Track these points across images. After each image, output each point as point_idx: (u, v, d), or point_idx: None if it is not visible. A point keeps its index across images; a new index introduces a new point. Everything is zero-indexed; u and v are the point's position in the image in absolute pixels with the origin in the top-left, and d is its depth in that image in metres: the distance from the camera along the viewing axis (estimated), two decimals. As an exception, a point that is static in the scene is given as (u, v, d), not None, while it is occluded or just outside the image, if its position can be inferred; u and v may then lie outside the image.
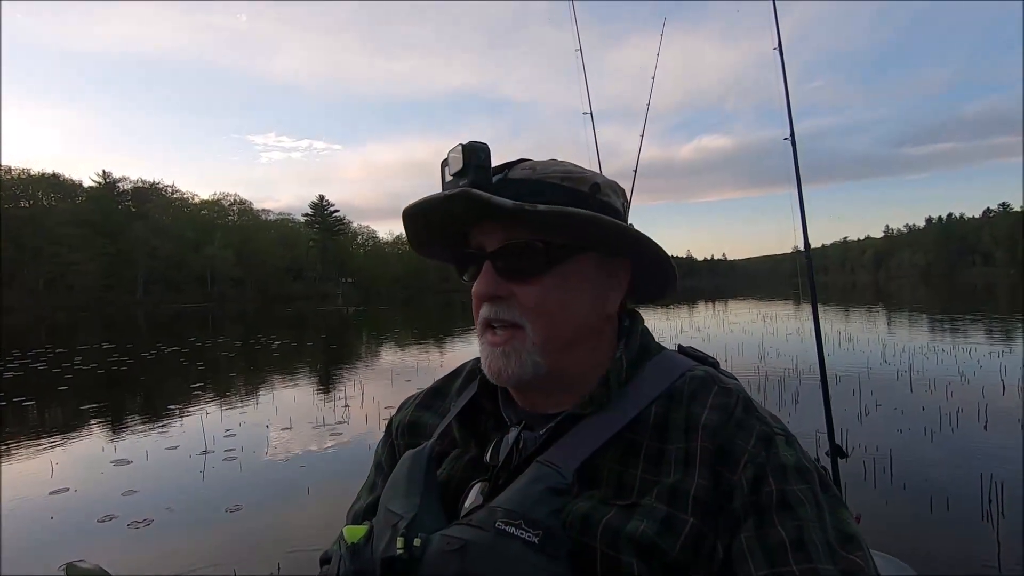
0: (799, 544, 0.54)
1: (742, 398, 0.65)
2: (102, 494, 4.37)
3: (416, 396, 0.84)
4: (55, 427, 6.72)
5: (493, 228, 0.67)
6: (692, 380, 0.67)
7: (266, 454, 5.32)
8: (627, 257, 0.71)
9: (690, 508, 0.57)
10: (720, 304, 32.75)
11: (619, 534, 0.56)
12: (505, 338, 0.65)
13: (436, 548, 0.56)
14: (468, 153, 0.64)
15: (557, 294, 0.66)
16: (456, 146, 0.65)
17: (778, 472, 0.58)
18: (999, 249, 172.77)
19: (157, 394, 9.26)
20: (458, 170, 0.64)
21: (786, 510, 0.56)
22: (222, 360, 13.20)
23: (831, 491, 0.60)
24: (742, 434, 0.61)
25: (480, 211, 0.64)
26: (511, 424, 0.71)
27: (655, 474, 0.61)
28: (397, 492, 0.66)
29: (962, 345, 10.98)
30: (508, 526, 0.55)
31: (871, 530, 3.25)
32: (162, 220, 75.97)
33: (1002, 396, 6.62)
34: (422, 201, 0.66)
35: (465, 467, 0.70)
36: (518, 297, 0.65)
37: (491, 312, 0.67)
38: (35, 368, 11.68)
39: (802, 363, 9.01)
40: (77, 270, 63.52)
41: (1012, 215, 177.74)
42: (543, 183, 0.66)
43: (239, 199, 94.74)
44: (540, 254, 0.65)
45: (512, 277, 0.66)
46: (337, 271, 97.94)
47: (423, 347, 14.97)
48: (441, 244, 0.74)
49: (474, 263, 0.69)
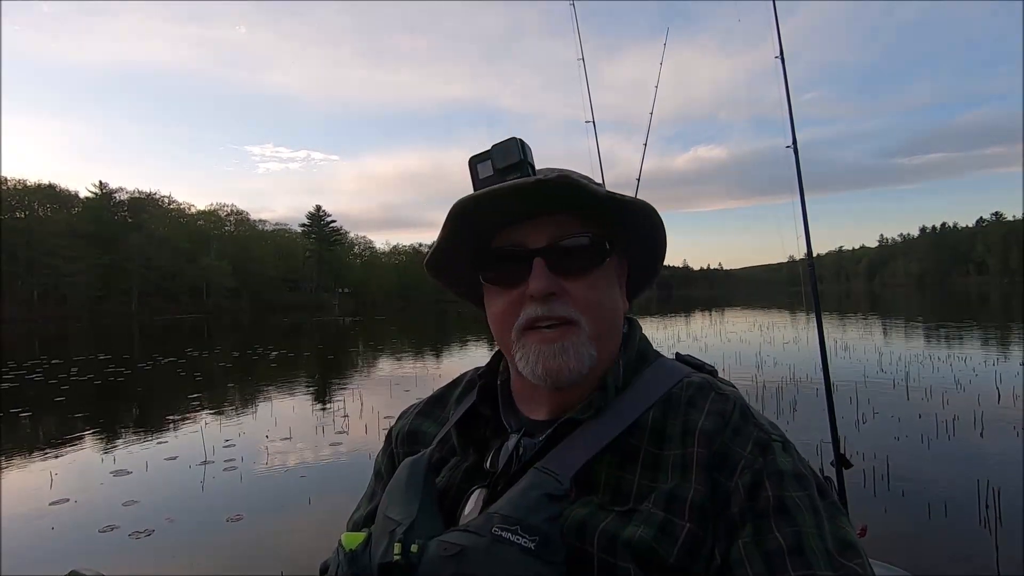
0: (798, 551, 0.54)
1: (739, 405, 0.65)
2: (103, 504, 4.36)
3: (416, 405, 0.85)
4: (53, 438, 6.69)
5: (542, 224, 0.66)
6: (689, 386, 0.67)
7: (266, 464, 5.32)
8: (626, 257, 0.74)
9: (687, 514, 0.57)
10: (717, 313, 32.82)
11: (616, 540, 0.56)
12: (561, 333, 0.64)
13: (433, 554, 0.56)
14: (523, 148, 0.64)
15: (601, 288, 0.68)
16: (505, 140, 0.65)
17: (775, 478, 0.58)
18: (992, 258, 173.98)
19: (155, 405, 9.22)
20: (514, 163, 0.64)
21: (784, 516, 0.56)
22: (219, 371, 13.15)
23: (830, 498, 0.59)
24: (739, 440, 0.61)
25: (535, 203, 0.64)
26: (511, 431, 0.70)
27: (652, 480, 0.60)
28: (395, 499, 0.66)
29: (957, 354, 11.05)
30: (505, 531, 0.55)
31: (869, 537, 3.27)
32: (158, 231, 75.67)
33: (998, 404, 6.67)
34: (497, 188, 0.61)
35: (464, 474, 0.69)
36: (570, 293, 0.65)
37: (542, 310, 0.64)
38: (31, 380, 11.62)
39: (799, 372, 9.05)
40: (71, 281, 63.20)
41: (1004, 224, 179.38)
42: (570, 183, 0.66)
43: (235, 209, 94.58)
44: (595, 250, 0.67)
45: (565, 273, 0.65)
46: (333, 281, 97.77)
47: (420, 357, 14.96)
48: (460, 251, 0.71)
49: (512, 264, 0.67)
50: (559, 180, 0.60)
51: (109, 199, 78.69)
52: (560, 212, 0.66)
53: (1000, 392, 7.20)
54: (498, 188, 0.61)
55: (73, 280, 63.48)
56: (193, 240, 79.52)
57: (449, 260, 0.73)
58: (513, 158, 0.63)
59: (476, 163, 0.66)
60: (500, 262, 0.68)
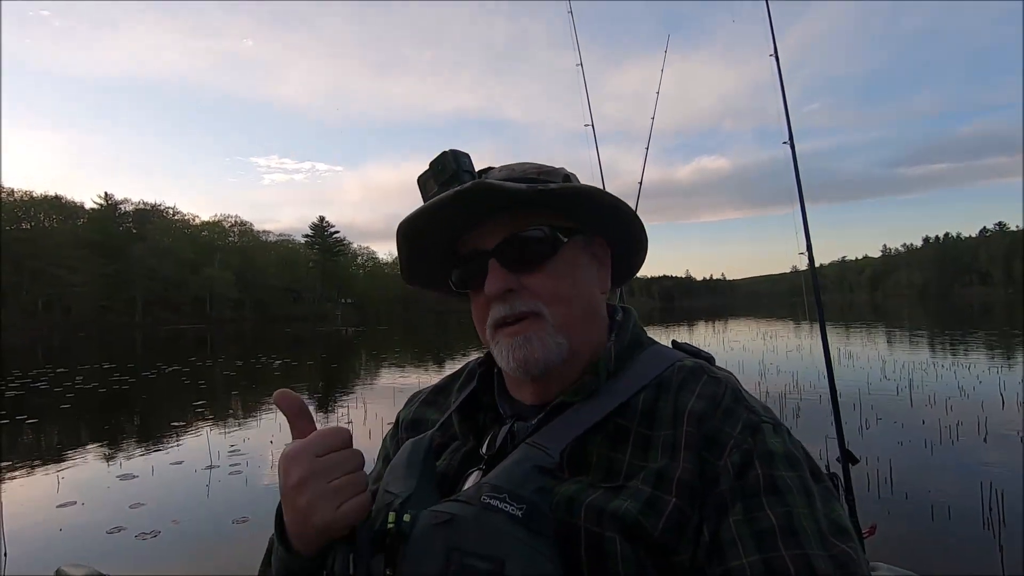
0: (789, 530, 0.54)
1: (731, 388, 0.65)
2: (109, 507, 4.39)
3: (423, 392, 0.88)
4: (60, 444, 6.73)
5: (492, 226, 0.68)
6: (681, 370, 0.68)
7: (271, 468, 5.33)
8: (602, 235, 0.74)
9: (674, 490, 0.58)
10: (720, 323, 32.76)
11: (603, 512, 0.57)
12: (524, 326, 0.66)
13: (424, 522, 0.57)
14: (456, 159, 0.65)
15: (564, 277, 0.68)
16: (439, 154, 0.66)
17: (765, 458, 0.58)
18: (996, 268, 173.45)
19: (160, 412, 9.26)
20: (450, 175, 0.65)
21: (775, 496, 0.56)
22: (223, 379, 13.19)
23: (823, 483, 0.59)
24: (729, 422, 0.61)
25: (481, 207, 0.66)
26: (506, 417, 0.73)
27: (642, 459, 0.61)
28: (395, 475, 0.68)
29: (961, 362, 11.04)
30: (494, 500, 0.56)
31: (874, 539, 3.28)
32: (162, 241, 76.05)
33: (1002, 410, 6.66)
34: (429, 205, 0.65)
35: (463, 458, 0.71)
36: (529, 287, 0.67)
37: (505, 309, 0.67)
38: (36, 388, 11.66)
39: (803, 380, 9.05)
40: (75, 292, 63.43)
41: (1008, 235, 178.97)
42: (524, 179, 0.68)
43: (239, 220, 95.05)
44: (545, 241, 0.67)
45: (519, 268, 0.67)
46: (336, 292, 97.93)
47: (423, 366, 14.98)
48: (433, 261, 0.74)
49: (473, 268, 0.69)
50: (474, 187, 0.62)
51: (114, 210, 79.27)
52: (512, 209, 0.67)
53: (1004, 399, 7.19)
54: (426, 205, 0.65)
55: (77, 291, 63.71)
56: (197, 251, 79.84)
57: (424, 271, 0.76)
58: (447, 172, 0.65)
59: (422, 180, 0.68)
60: (465, 266, 0.71)
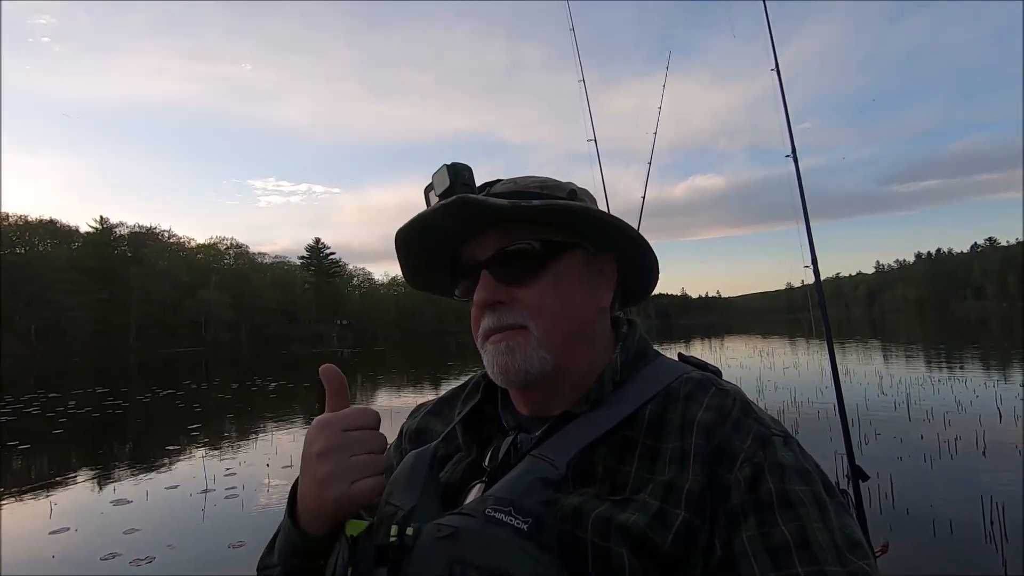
0: (804, 544, 0.53)
1: (740, 400, 0.65)
2: (103, 533, 4.33)
3: (427, 404, 0.87)
4: (52, 470, 6.64)
5: (486, 238, 0.69)
6: (688, 381, 0.67)
7: (268, 492, 5.28)
8: (610, 251, 0.74)
9: (683, 503, 0.57)
10: (717, 341, 32.76)
11: (610, 524, 0.56)
12: (508, 336, 0.67)
13: (427, 535, 0.56)
14: (453, 172, 0.66)
15: (554, 292, 0.68)
16: (440, 167, 0.67)
17: (776, 471, 0.57)
18: (990, 282, 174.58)
19: (154, 436, 9.15)
20: (445, 188, 0.66)
21: (788, 510, 0.55)
22: (218, 402, 13.08)
23: (836, 497, 0.58)
24: (738, 434, 0.60)
25: (474, 220, 0.67)
26: (509, 428, 0.73)
27: (650, 472, 0.60)
28: (398, 487, 0.67)
29: (958, 376, 11.04)
30: (498, 513, 0.55)
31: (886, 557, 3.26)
32: (158, 264, 75.91)
33: (999, 424, 6.66)
34: (417, 217, 0.68)
35: (466, 470, 0.71)
36: (518, 300, 0.67)
37: (493, 321, 0.68)
38: (29, 413, 11.53)
39: (801, 395, 9.04)
40: (70, 316, 63.06)
41: (999, 249, 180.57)
42: (525, 193, 0.69)
43: (235, 243, 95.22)
44: (534, 255, 0.68)
45: (510, 281, 0.68)
46: (332, 313, 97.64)
47: (420, 387, 14.90)
48: (436, 269, 0.76)
49: (470, 277, 0.71)
50: (457, 201, 0.63)
51: (110, 234, 79.25)
52: (503, 223, 0.68)
53: (1002, 413, 7.19)
54: (419, 216, 0.68)
55: (72, 315, 63.36)
56: (193, 273, 79.72)
57: (428, 277, 0.79)
58: (445, 184, 0.67)
59: (427, 192, 0.70)
60: (463, 276, 0.73)
